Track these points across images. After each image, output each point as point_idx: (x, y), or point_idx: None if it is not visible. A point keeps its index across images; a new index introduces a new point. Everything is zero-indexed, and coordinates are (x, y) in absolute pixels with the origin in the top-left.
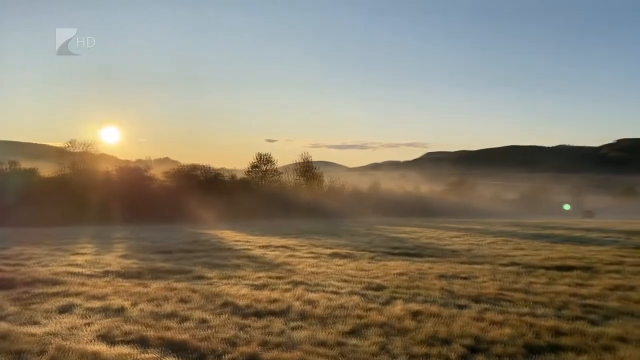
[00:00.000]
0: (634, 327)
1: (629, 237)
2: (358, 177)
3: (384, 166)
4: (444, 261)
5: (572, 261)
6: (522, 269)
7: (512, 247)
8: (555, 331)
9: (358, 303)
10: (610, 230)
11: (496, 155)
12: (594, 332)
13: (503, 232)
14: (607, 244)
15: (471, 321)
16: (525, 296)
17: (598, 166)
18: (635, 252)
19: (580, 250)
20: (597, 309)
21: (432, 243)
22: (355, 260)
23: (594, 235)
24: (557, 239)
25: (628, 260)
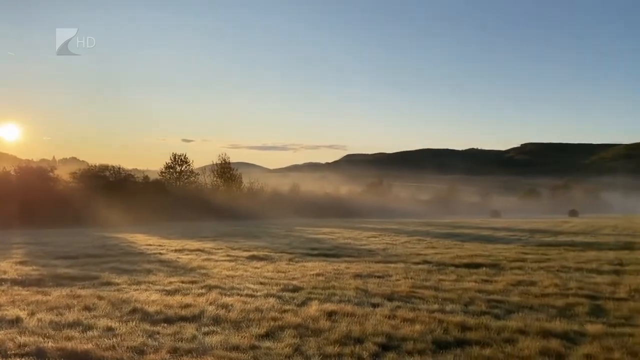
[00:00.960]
0: (533, 320)
1: (532, 235)
2: (278, 179)
3: (305, 168)
4: (361, 261)
5: (480, 259)
6: (434, 267)
7: (425, 246)
8: (462, 326)
9: (274, 305)
10: (515, 229)
11: (411, 158)
12: (498, 325)
13: (417, 232)
14: (512, 242)
15: (384, 319)
16: (435, 293)
17: (505, 168)
18: (537, 249)
19: (487, 249)
20: (501, 304)
21: (350, 243)
22: (273, 263)
23: (501, 234)
24: (466, 237)
25: (530, 257)
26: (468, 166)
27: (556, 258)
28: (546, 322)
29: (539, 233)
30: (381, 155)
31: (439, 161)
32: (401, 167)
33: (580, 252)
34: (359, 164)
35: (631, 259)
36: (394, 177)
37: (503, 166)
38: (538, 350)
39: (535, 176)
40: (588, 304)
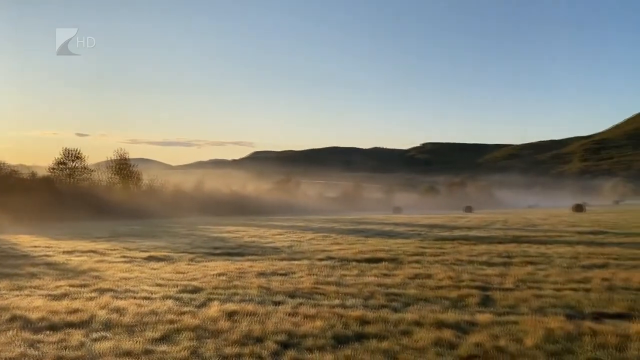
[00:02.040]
0: (428, 311)
1: (430, 230)
2: (181, 176)
3: (210, 164)
4: (265, 259)
5: (381, 253)
6: (337, 263)
7: (330, 242)
8: (362, 320)
9: (171, 307)
10: (415, 225)
11: (319, 156)
12: (395, 318)
13: (323, 229)
14: (411, 237)
15: (285, 317)
16: (337, 289)
17: (407, 167)
18: (435, 243)
19: (388, 244)
20: (399, 297)
21: (255, 241)
22: (172, 263)
23: (401, 230)
24: (370, 233)
25: (427, 251)
26: (373, 164)
27: (451, 252)
28: (440, 314)
29: (436, 228)
30: (289, 152)
31: (346, 159)
32: (309, 164)
33: (473, 245)
34: (267, 162)
35: (518, 251)
36: (302, 174)
37: (405, 164)
38: (432, 341)
39: (435, 174)
40: (479, 295)
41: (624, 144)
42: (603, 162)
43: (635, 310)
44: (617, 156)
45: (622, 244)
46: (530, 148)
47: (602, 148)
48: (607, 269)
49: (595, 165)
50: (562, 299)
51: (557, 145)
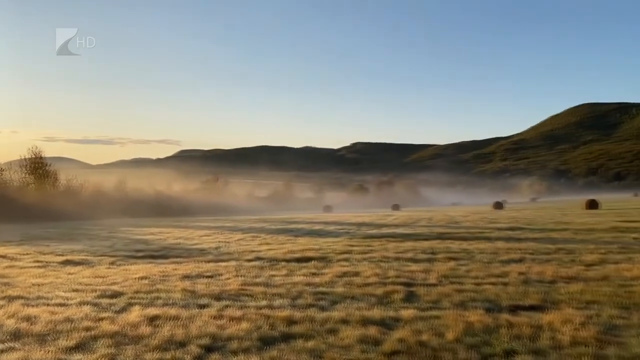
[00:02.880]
0: (355, 309)
1: (359, 228)
2: (103, 176)
3: (133, 164)
4: (191, 261)
5: (310, 253)
6: (266, 263)
7: (259, 242)
8: (289, 321)
9: (88, 314)
10: (344, 223)
11: (248, 155)
12: (322, 317)
13: (252, 229)
14: (341, 235)
15: (210, 320)
16: (265, 289)
17: (337, 166)
18: (363, 241)
19: (318, 242)
20: (327, 295)
21: (180, 243)
22: (91, 267)
23: (331, 228)
24: (300, 232)
25: (356, 249)
26: (303, 163)
27: (379, 249)
28: (366, 311)
29: (365, 226)
30: (217, 151)
31: (276, 158)
32: (238, 164)
33: (400, 242)
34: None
35: (442, 247)
36: (231, 174)
37: (335, 163)
38: (357, 338)
39: (364, 173)
40: (404, 291)
41: (540, 145)
42: (520, 162)
43: (547, 302)
44: (533, 156)
45: (537, 240)
46: (454, 148)
47: (520, 148)
48: (523, 264)
49: (514, 164)
50: (482, 293)
51: (478, 145)
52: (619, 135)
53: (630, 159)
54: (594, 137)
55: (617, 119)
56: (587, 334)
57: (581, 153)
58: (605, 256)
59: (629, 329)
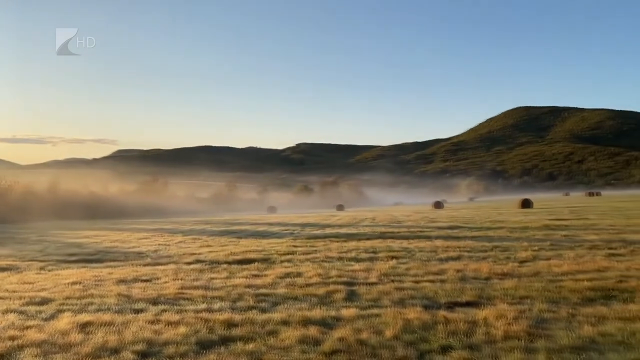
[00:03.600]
0: (296, 310)
1: (303, 229)
2: (33, 176)
3: (67, 164)
4: (127, 265)
5: (253, 254)
6: (206, 266)
7: (200, 244)
8: (228, 323)
9: (14, 322)
10: (288, 224)
11: (189, 155)
12: (263, 319)
13: (193, 231)
14: (284, 236)
15: (146, 325)
16: (204, 292)
17: (281, 166)
18: (307, 242)
19: (261, 244)
20: (268, 297)
21: (116, 247)
22: (19, 273)
23: (275, 229)
24: (242, 234)
25: (299, 250)
26: (247, 164)
27: (322, 249)
28: (307, 311)
29: (309, 226)
30: (157, 151)
31: (218, 158)
32: (178, 164)
33: (343, 242)
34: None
35: (383, 247)
36: (171, 174)
37: (280, 164)
38: (298, 338)
39: (309, 173)
40: (345, 290)
41: (478, 146)
42: (460, 163)
43: (482, 298)
44: (472, 157)
45: (474, 238)
46: (397, 149)
47: (460, 150)
48: (460, 261)
49: (454, 165)
50: (420, 291)
51: (420, 146)
52: (551, 137)
53: (562, 160)
54: (528, 139)
55: (549, 122)
56: (519, 328)
57: (516, 154)
58: (537, 253)
59: (557, 322)
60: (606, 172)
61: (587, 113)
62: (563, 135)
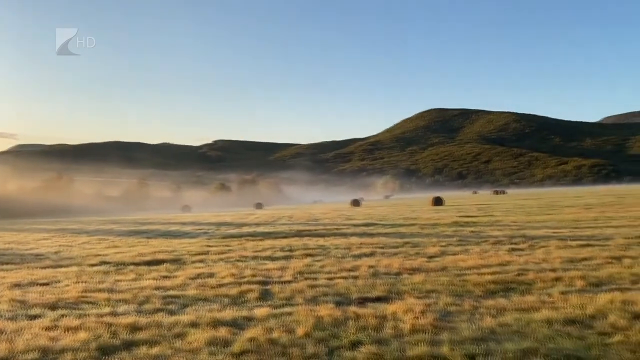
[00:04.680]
0: (206, 311)
1: (218, 228)
2: None
3: None
4: (23, 268)
5: (163, 255)
6: (112, 268)
7: (106, 245)
8: (133, 327)
9: None
10: (203, 223)
11: (97, 151)
12: (170, 321)
13: (99, 231)
14: (198, 236)
15: (42, 332)
16: (109, 295)
17: (197, 164)
18: (221, 241)
19: (173, 244)
20: (177, 299)
21: (12, 248)
22: None
23: (188, 229)
24: (153, 234)
25: (213, 250)
26: (160, 160)
27: (237, 249)
28: (218, 312)
29: (225, 225)
30: (62, 146)
31: (129, 155)
32: (85, 160)
33: (259, 241)
34: (33, 156)
35: (299, 245)
36: (77, 171)
37: (196, 161)
38: (207, 340)
39: (227, 171)
40: (259, 290)
41: (393, 146)
42: (377, 162)
43: (392, 293)
44: (388, 156)
45: (387, 234)
46: (316, 148)
47: (376, 149)
48: (373, 257)
49: (371, 164)
50: (333, 287)
51: (338, 145)
52: (461, 138)
53: (470, 160)
54: (440, 140)
55: (459, 124)
56: (426, 321)
57: (429, 154)
58: (445, 248)
59: (461, 315)
60: (511, 172)
61: (493, 116)
62: (472, 136)
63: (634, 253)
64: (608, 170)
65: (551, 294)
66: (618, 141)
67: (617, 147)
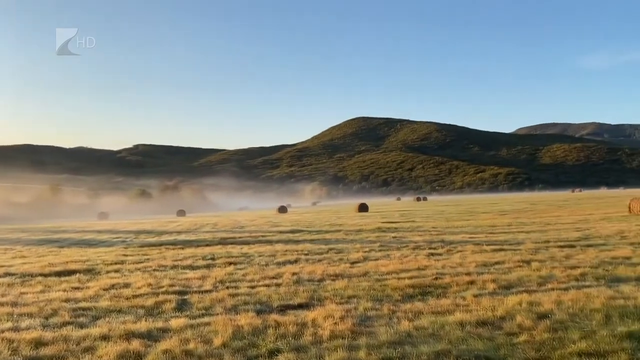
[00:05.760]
0: (119, 323)
1: (137, 236)
2: None
3: None
4: None
5: (75, 265)
6: (17, 279)
7: (13, 255)
8: (37, 342)
9: None
10: (121, 231)
11: (5, 154)
12: (79, 335)
13: (5, 240)
14: (115, 245)
15: None
16: (12, 309)
17: (116, 168)
18: (139, 250)
19: (87, 253)
20: (88, 311)
21: None
22: None
23: (105, 237)
24: (66, 243)
25: (130, 259)
26: (76, 165)
27: (156, 257)
28: (132, 324)
29: (144, 234)
30: None
31: (40, 159)
32: None
33: (180, 250)
34: None
35: (222, 253)
36: None
37: (115, 166)
38: (118, 354)
39: (148, 177)
40: (176, 300)
41: (321, 153)
42: (305, 168)
43: (314, 300)
44: (316, 163)
45: (313, 241)
46: (243, 153)
47: (304, 155)
48: (297, 264)
49: (299, 170)
50: (255, 296)
51: (266, 151)
52: (386, 146)
53: (395, 168)
54: (366, 148)
55: (385, 132)
56: (345, 327)
57: (356, 161)
58: (368, 254)
59: (380, 319)
60: (432, 179)
61: (417, 125)
62: (396, 145)
63: (541, 257)
64: (522, 178)
65: (465, 297)
66: (531, 151)
67: (530, 157)
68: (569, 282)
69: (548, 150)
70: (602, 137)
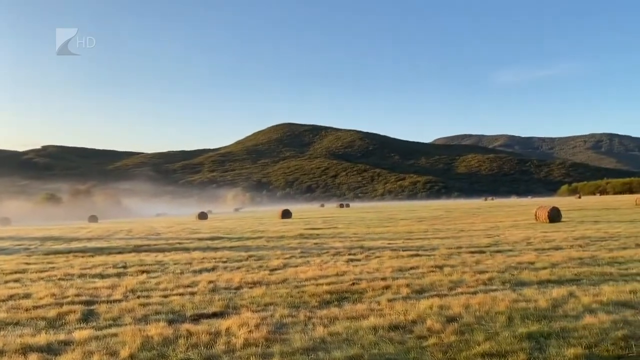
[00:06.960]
0: (16, 336)
1: (43, 243)
2: None
3: None
4: None
5: None
6: None
7: None
8: None
9: None
10: (24, 238)
11: None
12: None
13: None
14: (17, 252)
15: None
16: None
17: (22, 171)
18: (44, 258)
19: None
20: None
21: None
22: None
23: (6, 244)
24: None
25: (33, 267)
26: None
27: (62, 266)
28: (30, 337)
29: (51, 240)
30: None
31: None
32: None
33: (89, 257)
34: None
35: (135, 260)
36: None
37: (19, 169)
38: None
39: (57, 180)
40: (82, 310)
41: (245, 158)
42: (227, 174)
43: (230, 308)
44: (239, 168)
45: (232, 248)
46: (161, 157)
47: (227, 160)
48: (215, 272)
49: (221, 176)
50: (167, 305)
51: (187, 155)
52: (311, 153)
53: (319, 174)
54: (291, 154)
55: (310, 139)
56: (259, 334)
57: (280, 167)
58: (288, 260)
59: (295, 326)
60: (355, 186)
61: (341, 133)
62: (321, 151)
63: (454, 262)
64: (439, 186)
65: (380, 302)
66: (447, 160)
67: (447, 166)
68: (478, 286)
69: (463, 160)
70: (513, 148)
